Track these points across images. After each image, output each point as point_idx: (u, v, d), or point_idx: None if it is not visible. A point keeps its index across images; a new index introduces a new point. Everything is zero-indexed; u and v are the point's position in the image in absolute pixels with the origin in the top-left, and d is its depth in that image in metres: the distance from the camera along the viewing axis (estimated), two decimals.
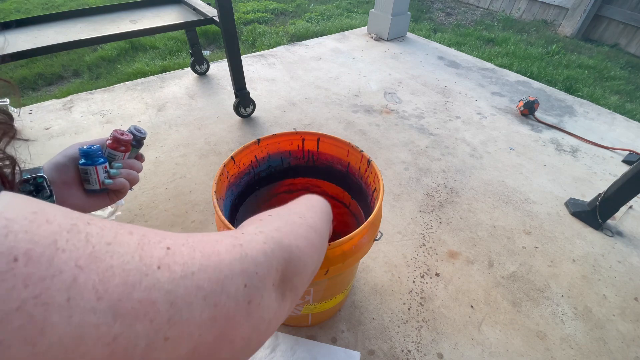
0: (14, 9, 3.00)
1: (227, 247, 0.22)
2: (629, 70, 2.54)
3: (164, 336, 0.16)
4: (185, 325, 0.17)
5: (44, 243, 0.14)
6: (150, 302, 0.16)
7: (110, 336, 0.15)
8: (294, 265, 0.27)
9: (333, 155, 0.85)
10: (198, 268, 0.19)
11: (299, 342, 0.87)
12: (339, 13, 3.27)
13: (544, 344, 0.91)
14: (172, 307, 0.17)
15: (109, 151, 0.48)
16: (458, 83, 2.07)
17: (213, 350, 0.19)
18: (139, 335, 0.15)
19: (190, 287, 0.18)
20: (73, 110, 1.68)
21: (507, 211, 1.27)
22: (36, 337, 0.13)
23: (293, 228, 0.30)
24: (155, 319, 0.16)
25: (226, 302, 0.20)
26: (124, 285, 0.16)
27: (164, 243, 0.19)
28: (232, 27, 1.35)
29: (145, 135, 0.53)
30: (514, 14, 3.46)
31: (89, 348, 0.14)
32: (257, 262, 0.23)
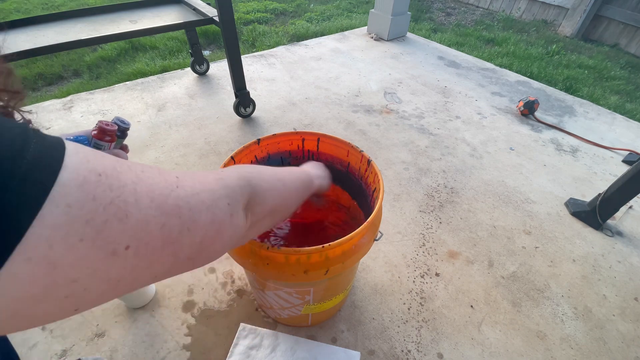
0: (14, 9, 3.00)
1: (214, 179, 0.32)
2: (629, 70, 2.54)
3: (187, 227, 0.27)
4: (198, 223, 0.28)
5: (109, 167, 0.22)
6: (178, 207, 0.26)
7: (161, 223, 0.24)
8: (256, 197, 0.38)
9: (333, 155, 0.85)
10: (200, 190, 0.29)
11: (299, 342, 0.87)
12: (339, 13, 3.27)
13: (544, 344, 0.91)
14: (190, 210, 0.27)
15: (95, 141, 0.49)
16: (458, 83, 2.07)
17: (212, 241, 0.30)
18: (174, 225, 0.25)
19: (198, 200, 0.28)
20: (73, 110, 1.68)
21: (507, 211, 1.27)
22: (124, 218, 0.22)
23: (262, 176, 0.41)
24: (182, 216, 0.26)
25: (219, 212, 0.31)
26: (162, 196, 0.25)
27: (173, 174, 0.28)
28: (232, 27, 1.35)
29: (129, 126, 0.54)
30: (514, 14, 3.46)
31: (152, 229, 0.24)
32: (234, 190, 0.34)
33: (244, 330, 0.89)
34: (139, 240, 0.23)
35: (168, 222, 0.25)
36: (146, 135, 1.54)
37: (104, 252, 0.20)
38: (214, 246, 0.31)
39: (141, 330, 0.89)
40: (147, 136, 1.53)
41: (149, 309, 0.94)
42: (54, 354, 0.84)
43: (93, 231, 0.20)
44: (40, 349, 0.85)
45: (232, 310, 0.94)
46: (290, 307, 0.79)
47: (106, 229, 0.20)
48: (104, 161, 0.22)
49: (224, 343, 0.87)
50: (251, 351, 0.85)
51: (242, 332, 0.88)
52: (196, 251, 0.28)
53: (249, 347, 0.85)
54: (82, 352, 0.85)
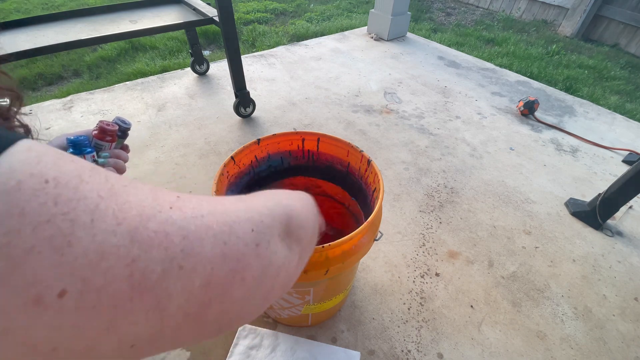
0: (14, 9, 3.00)
1: (232, 201, 0.24)
2: (629, 70, 2.54)
3: (178, 264, 0.18)
4: (197, 258, 0.19)
5: (70, 174, 0.16)
6: (164, 233, 0.18)
7: (130, 258, 0.16)
8: (295, 219, 0.29)
9: (333, 155, 0.85)
10: (207, 212, 0.21)
11: (299, 342, 0.87)
12: (339, 13, 3.27)
13: (544, 344, 0.91)
14: (184, 239, 0.18)
15: (96, 141, 0.49)
16: (458, 83, 2.07)
17: (226, 286, 0.20)
18: (155, 260, 0.17)
19: (200, 225, 0.20)
20: (73, 110, 1.68)
21: (507, 211, 1.27)
22: (64, 247, 0.14)
23: (288, 195, 0.32)
24: (170, 248, 0.18)
25: (235, 242, 0.21)
26: (140, 217, 0.17)
27: (173, 193, 0.21)
28: (232, 27, 1.35)
29: (129, 126, 0.54)
30: (514, 14, 3.46)
31: (111, 265, 0.15)
32: (261, 212, 0.25)
33: (244, 330, 0.89)
34: (85, 284, 0.15)
35: (142, 256, 0.16)
36: (146, 135, 1.54)
37: (20, 299, 0.13)
38: (231, 293, 0.21)
39: None
40: (147, 136, 1.53)
41: None
42: None
43: (6, 265, 0.13)
44: None
45: None
46: (290, 307, 0.79)
47: (29, 261, 0.14)
48: (67, 166, 0.16)
49: (224, 343, 0.87)
50: (251, 351, 0.85)
51: (242, 332, 0.88)
52: (200, 303, 0.19)
53: (249, 347, 0.85)
54: None
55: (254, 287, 0.23)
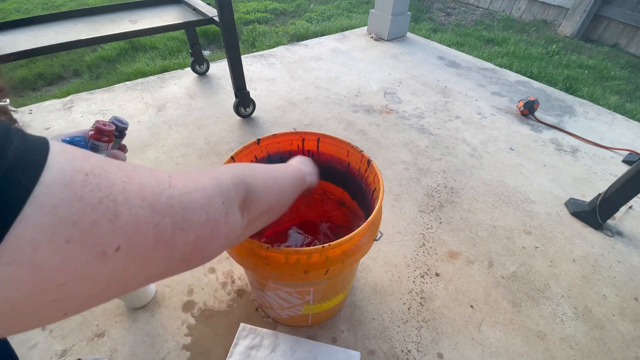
0: (14, 9, 3.00)
1: (207, 179, 0.32)
2: (629, 70, 2.54)
3: (181, 227, 0.26)
4: (192, 222, 0.27)
5: (96, 166, 0.22)
6: (171, 205, 0.25)
7: (153, 223, 0.24)
8: (252, 195, 0.38)
9: (333, 155, 0.85)
10: (193, 189, 0.29)
11: (299, 342, 0.87)
12: (339, 13, 3.27)
13: (544, 344, 0.91)
14: (183, 209, 0.26)
15: (92, 142, 0.48)
16: (458, 83, 2.07)
17: (207, 240, 0.30)
18: (167, 224, 0.25)
19: (191, 199, 0.28)
20: (73, 110, 1.68)
21: (507, 211, 1.27)
22: (114, 219, 0.21)
23: (256, 173, 0.41)
24: (175, 215, 0.26)
25: (214, 211, 0.30)
26: (154, 195, 0.24)
27: (165, 173, 0.28)
28: (232, 27, 1.35)
29: (127, 125, 0.53)
30: (514, 14, 3.46)
31: (143, 229, 0.23)
32: (228, 188, 0.34)
33: (244, 330, 0.89)
34: (130, 241, 0.22)
35: (161, 221, 0.24)
36: (146, 135, 1.54)
37: (93, 254, 0.20)
38: (209, 245, 0.30)
39: (141, 330, 0.89)
40: (147, 136, 1.53)
41: (149, 309, 0.94)
42: (54, 353, 0.84)
43: (81, 232, 0.19)
44: (40, 349, 0.85)
45: (232, 310, 0.94)
46: (290, 307, 0.79)
47: (95, 229, 0.20)
48: (91, 160, 0.22)
49: (224, 343, 0.87)
50: (251, 351, 0.85)
51: (242, 332, 0.88)
52: (190, 251, 0.28)
53: (249, 347, 0.85)
54: (82, 352, 0.85)
55: (223, 240, 0.32)
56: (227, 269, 1.04)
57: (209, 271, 1.03)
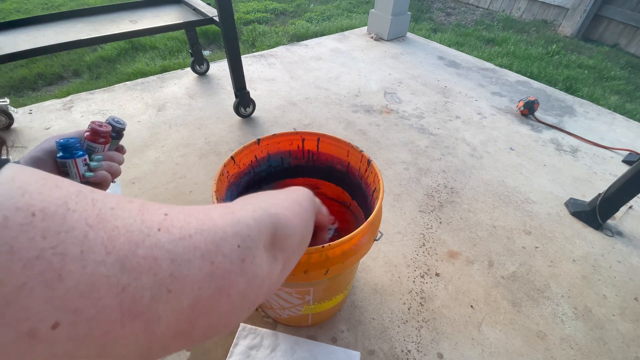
0: (14, 9, 3.00)
1: (220, 213, 0.24)
2: (629, 70, 2.54)
3: (167, 289, 0.18)
4: (185, 280, 0.19)
5: (56, 203, 0.16)
6: (153, 258, 0.18)
7: (120, 286, 0.16)
8: (282, 229, 0.30)
9: (333, 155, 0.85)
10: (195, 231, 0.21)
11: (299, 342, 0.87)
12: (339, 13, 3.27)
13: (544, 344, 0.91)
14: (172, 263, 0.19)
15: (88, 143, 0.47)
16: (458, 83, 2.07)
17: (212, 303, 0.21)
18: (144, 286, 0.17)
19: (188, 246, 0.20)
20: (73, 110, 1.68)
21: (507, 211, 1.27)
22: (55, 282, 0.15)
23: (278, 201, 0.33)
24: (159, 273, 0.18)
25: (222, 260, 0.22)
26: (129, 244, 0.17)
27: (161, 210, 0.21)
28: (232, 27, 1.35)
29: (124, 126, 0.51)
30: (514, 14, 3.46)
31: (102, 295, 0.16)
32: (248, 225, 0.25)
33: (244, 330, 0.89)
34: (77, 315, 0.15)
35: (132, 283, 0.17)
36: (146, 135, 1.54)
37: (14, 334, 0.14)
38: (217, 309, 0.22)
39: None
40: (147, 136, 1.53)
41: None
42: None
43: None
44: None
45: None
46: (290, 307, 0.79)
47: (22, 297, 0.14)
48: (53, 193, 0.16)
49: (224, 343, 0.87)
50: (251, 351, 0.85)
51: (242, 332, 0.88)
52: (187, 321, 0.20)
53: (249, 347, 0.86)
54: None
55: (239, 300, 0.23)
56: None
57: None
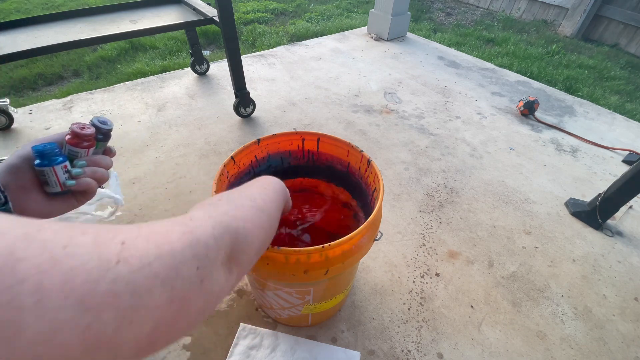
0: (14, 9, 3.00)
1: (179, 235, 0.24)
2: (629, 70, 2.54)
3: (129, 320, 0.18)
4: (147, 309, 0.19)
5: (3, 254, 0.15)
6: (113, 294, 0.18)
7: (82, 327, 0.16)
8: (240, 245, 0.30)
9: (333, 155, 0.85)
10: (154, 258, 0.21)
11: (299, 342, 0.87)
12: (339, 13, 3.27)
13: (544, 344, 0.91)
14: (133, 295, 0.19)
15: (70, 148, 0.43)
16: (458, 83, 2.07)
17: (172, 323, 0.22)
18: (107, 322, 0.17)
19: (148, 276, 0.20)
20: (73, 110, 1.68)
21: (507, 211, 1.27)
22: (14, 337, 0.14)
23: (241, 212, 0.33)
24: (120, 307, 0.18)
25: (182, 284, 0.22)
26: (88, 282, 0.17)
27: (117, 238, 0.20)
28: (232, 27, 1.35)
29: (110, 126, 0.47)
30: (514, 14, 3.46)
31: (65, 338, 0.16)
32: (207, 245, 0.25)
33: (244, 330, 0.89)
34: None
35: (95, 321, 0.17)
36: (146, 135, 1.54)
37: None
38: (176, 327, 0.22)
39: None
40: (147, 136, 1.53)
41: None
42: None
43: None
44: None
45: (232, 310, 0.94)
46: (290, 307, 0.79)
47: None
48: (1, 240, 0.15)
49: (224, 343, 0.87)
50: (251, 351, 0.85)
51: (242, 332, 0.88)
52: (148, 343, 0.20)
53: (249, 347, 0.86)
54: None
55: (198, 315, 0.24)
56: None
57: None
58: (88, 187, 0.45)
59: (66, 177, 0.42)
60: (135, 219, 1.17)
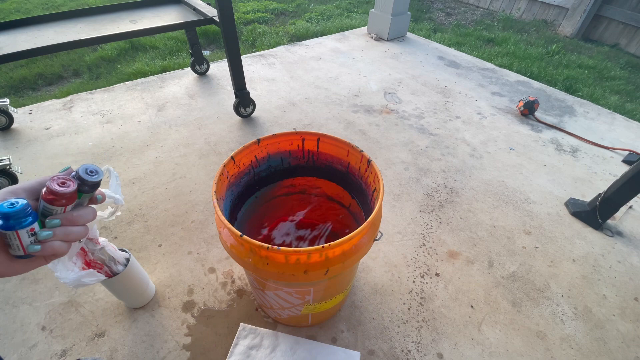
0: (14, 9, 3.00)
1: None
2: (629, 70, 2.54)
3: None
4: None
5: None
6: None
7: None
8: None
9: (333, 155, 0.85)
10: None
11: (299, 342, 0.87)
12: (339, 13, 3.27)
13: (544, 344, 0.91)
14: None
15: (43, 204, 0.36)
16: (458, 83, 2.07)
17: None
18: None
19: None
20: (73, 110, 1.68)
21: (507, 211, 1.27)
22: None
23: None
24: None
25: None
26: None
27: None
28: (232, 27, 1.35)
29: (99, 178, 0.39)
30: (514, 14, 3.46)
31: None
32: None
33: (244, 330, 0.89)
34: None
35: None
36: (146, 135, 1.54)
37: None
38: None
39: (141, 330, 0.89)
40: (147, 136, 1.53)
41: (149, 309, 0.94)
42: (54, 354, 0.84)
43: None
44: (40, 349, 0.85)
45: (232, 310, 0.94)
46: (290, 307, 0.79)
47: None
48: None
49: (224, 343, 0.87)
50: (251, 351, 0.85)
51: (242, 332, 0.88)
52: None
53: (249, 347, 0.86)
54: (82, 352, 0.85)
55: None
56: (227, 269, 1.04)
57: (209, 271, 1.03)
58: (54, 252, 0.38)
59: (31, 240, 0.36)
60: (135, 219, 1.17)
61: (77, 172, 0.38)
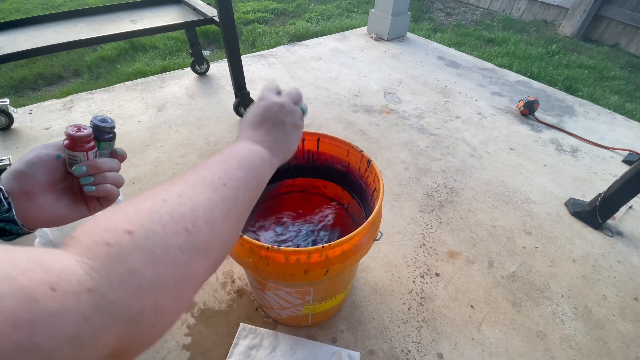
0: (14, 9, 3.00)
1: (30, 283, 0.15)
2: (629, 70, 2.54)
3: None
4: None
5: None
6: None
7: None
8: (136, 339, 0.18)
9: (333, 155, 0.85)
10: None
11: (299, 342, 0.87)
12: (339, 13, 3.27)
13: (544, 344, 0.91)
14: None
15: (68, 153, 0.39)
16: (458, 83, 2.07)
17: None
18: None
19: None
20: (73, 110, 1.68)
21: (507, 211, 1.27)
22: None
23: (153, 269, 0.20)
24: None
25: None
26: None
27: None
28: (232, 27, 1.35)
29: (112, 124, 0.42)
30: (514, 14, 3.46)
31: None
32: (74, 322, 0.16)
33: (244, 330, 0.89)
34: None
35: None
36: (146, 135, 1.54)
37: None
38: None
39: None
40: (147, 136, 1.53)
41: None
42: None
43: None
44: None
45: (232, 310, 0.94)
46: (290, 307, 0.79)
47: None
48: None
49: (224, 343, 0.87)
50: (251, 351, 0.85)
51: (242, 332, 0.88)
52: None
53: (249, 347, 0.86)
54: None
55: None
56: (227, 269, 1.04)
57: None
58: (107, 192, 0.41)
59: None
60: None
61: (91, 122, 0.41)
